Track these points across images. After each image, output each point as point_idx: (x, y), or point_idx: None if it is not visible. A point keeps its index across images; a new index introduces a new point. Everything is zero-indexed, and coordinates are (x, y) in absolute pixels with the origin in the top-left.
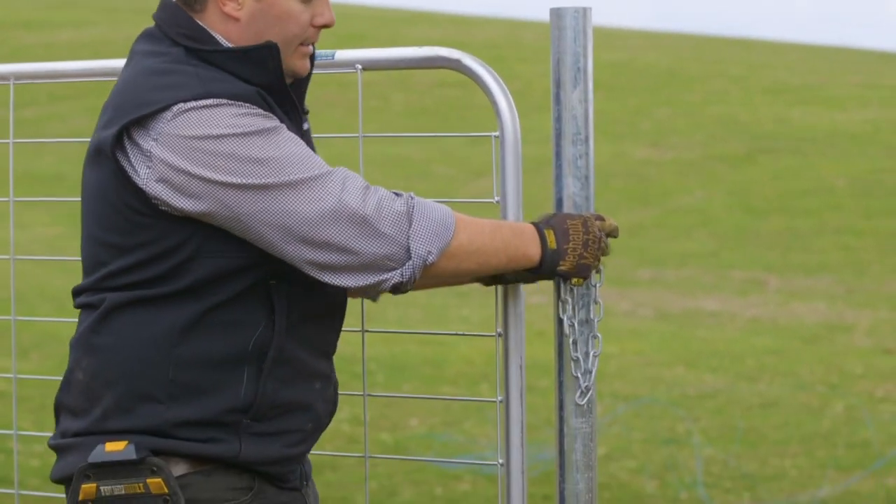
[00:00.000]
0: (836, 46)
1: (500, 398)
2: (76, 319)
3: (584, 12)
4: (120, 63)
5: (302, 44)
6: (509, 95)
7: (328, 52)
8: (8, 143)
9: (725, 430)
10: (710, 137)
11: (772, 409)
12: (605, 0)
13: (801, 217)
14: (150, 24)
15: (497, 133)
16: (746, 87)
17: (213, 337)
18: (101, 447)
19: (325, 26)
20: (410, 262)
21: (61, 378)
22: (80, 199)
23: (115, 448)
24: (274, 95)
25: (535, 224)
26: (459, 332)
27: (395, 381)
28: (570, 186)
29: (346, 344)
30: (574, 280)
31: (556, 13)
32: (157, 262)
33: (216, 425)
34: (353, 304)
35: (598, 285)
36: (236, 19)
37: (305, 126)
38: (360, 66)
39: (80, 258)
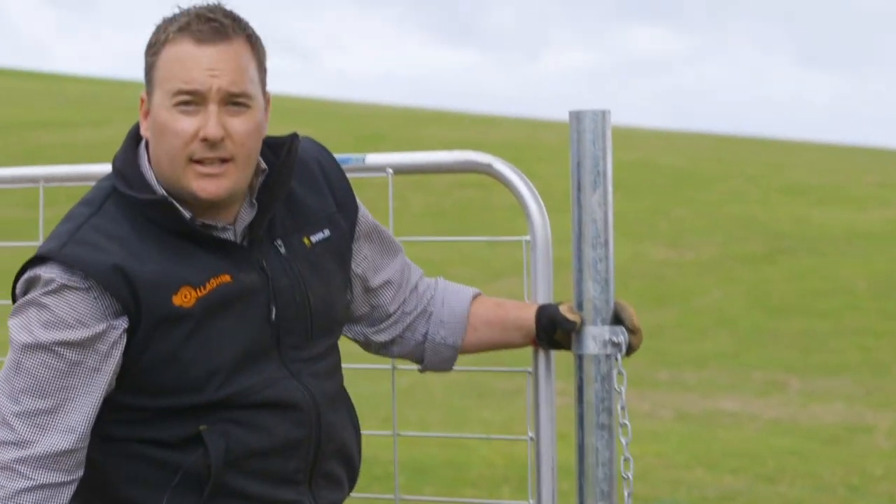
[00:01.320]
0: (853, 146)
1: (532, 502)
2: None
3: (603, 115)
4: None
5: (192, 160)
6: (540, 200)
7: (358, 156)
8: (37, 245)
9: None
10: (728, 237)
11: None
12: (622, 99)
13: (820, 318)
14: None
15: (528, 237)
16: (764, 186)
17: (147, 466)
18: None
19: (205, 140)
20: None
21: None
22: None
23: None
24: (198, 240)
25: None
26: (492, 436)
27: (416, 484)
28: (590, 290)
29: (366, 446)
30: None
31: (576, 116)
32: None
33: None
34: (378, 403)
35: (623, 390)
36: (147, 139)
37: (284, 251)
38: (391, 171)
39: None
